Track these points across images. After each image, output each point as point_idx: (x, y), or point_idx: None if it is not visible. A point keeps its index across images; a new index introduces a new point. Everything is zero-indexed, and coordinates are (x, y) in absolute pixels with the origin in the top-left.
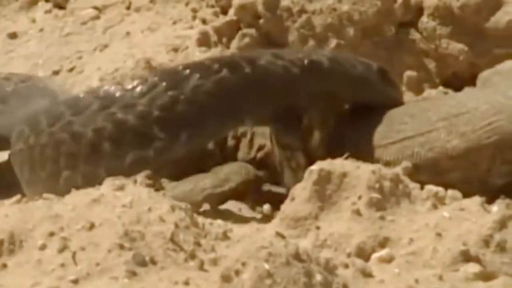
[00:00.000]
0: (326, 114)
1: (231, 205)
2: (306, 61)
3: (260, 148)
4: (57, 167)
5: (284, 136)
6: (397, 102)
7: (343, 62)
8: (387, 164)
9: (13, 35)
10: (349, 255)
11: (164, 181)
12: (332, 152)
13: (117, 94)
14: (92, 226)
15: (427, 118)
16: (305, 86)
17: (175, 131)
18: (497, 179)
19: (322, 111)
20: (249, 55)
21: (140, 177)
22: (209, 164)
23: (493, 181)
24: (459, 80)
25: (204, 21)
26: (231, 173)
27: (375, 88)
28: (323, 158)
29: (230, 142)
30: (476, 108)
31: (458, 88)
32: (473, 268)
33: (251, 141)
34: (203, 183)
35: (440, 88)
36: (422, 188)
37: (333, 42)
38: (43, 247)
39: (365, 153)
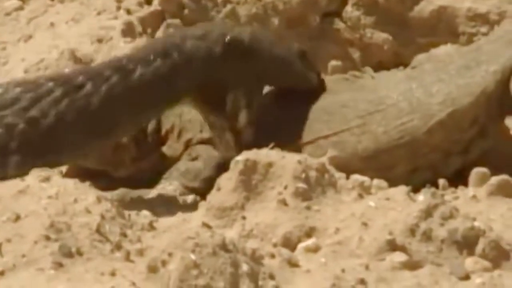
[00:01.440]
0: (251, 94)
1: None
2: (227, 39)
3: (188, 142)
4: None
5: (210, 115)
6: (316, 85)
7: (264, 39)
8: None
9: None
10: (275, 245)
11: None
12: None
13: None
14: (17, 218)
15: (343, 116)
16: (226, 63)
17: None
18: (417, 180)
19: (247, 91)
20: (175, 40)
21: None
22: (124, 159)
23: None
24: (383, 69)
25: (128, 12)
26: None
27: (294, 68)
28: (251, 138)
29: (149, 138)
30: (393, 105)
31: None
32: (399, 257)
33: (179, 135)
34: None
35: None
36: (348, 177)
37: None
38: None
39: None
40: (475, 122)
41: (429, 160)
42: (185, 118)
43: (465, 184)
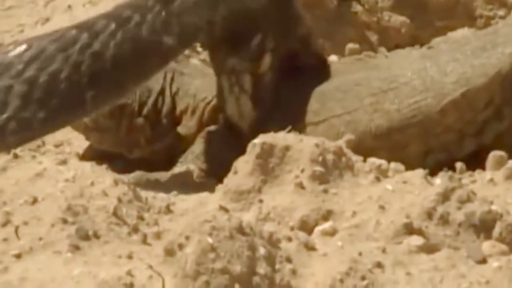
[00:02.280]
0: (278, 39)
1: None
2: None
3: (202, 118)
4: None
5: (231, 57)
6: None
7: None
8: None
9: None
10: (292, 228)
11: None
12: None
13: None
14: (35, 201)
15: (356, 94)
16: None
17: None
18: (431, 162)
19: (276, 35)
20: None
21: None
22: (140, 140)
23: (427, 163)
24: None
25: None
26: None
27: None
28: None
29: (164, 119)
30: (406, 84)
31: None
32: (416, 240)
33: (192, 114)
34: None
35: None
36: (365, 160)
37: None
38: None
39: (299, 130)
40: (490, 104)
41: (443, 141)
42: (199, 98)
43: (483, 167)
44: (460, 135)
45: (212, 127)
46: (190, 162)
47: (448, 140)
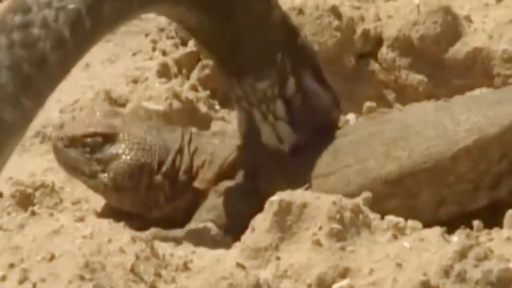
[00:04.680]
0: (297, 62)
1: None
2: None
3: (217, 172)
4: None
5: (259, 81)
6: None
7: None
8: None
9: None
10: (309, 286)
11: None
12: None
13: None
14: (52, 257)
15: (368, 145)
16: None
17: None
18: (444, 214)
19: (294, 59)
20: None
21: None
22: (159, 199)
23: (440, 216)
24: None
25: (164, 53)
26: None
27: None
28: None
29: (182, 177)
30: (419, 132)
31: None
32: None
33: (208, 168)
34: None
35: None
36: (382, 218)
37: None
38: (3, 278)
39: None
40: (505, 156)
41: (456, 192)
42: (216, 155)
43: (500, 225)
44: (474, 187)
45: (226, 181)
46: (204, 217)
47: (461, 191)
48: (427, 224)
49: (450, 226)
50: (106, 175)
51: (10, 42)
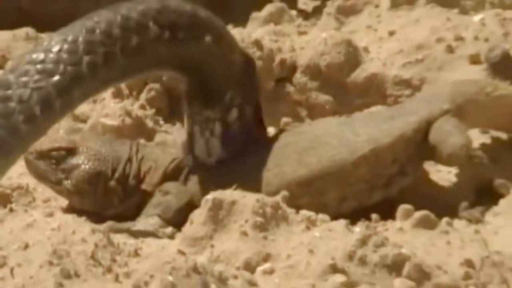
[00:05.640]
0: (243, 99)
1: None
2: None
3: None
4: None
5: (206, 109)
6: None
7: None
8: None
9: None
10: (238, 269)
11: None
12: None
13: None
14: (26, 246)
15: (285, 154)
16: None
17: None
18: (346, 209)
19: (242, 97)
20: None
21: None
22: (113, 200)
23: (344, 210)
24: None
25: None
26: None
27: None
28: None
29: (132, 181)
30: (326, 142)
31: None
32: (339, 278)
33: (154, 173)
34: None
35: None
36: (297, 213)
37: None
38: None
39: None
40: (395, 161)
41: (355, 190)
42: (159, 162)
43: (393, 218)
44: (370, 186)
45: (168, 183)
46: (152, 213)
47: (360, 190)
48: (334, 217)
49: (353, 219)
50: (69, 182)
51: None
